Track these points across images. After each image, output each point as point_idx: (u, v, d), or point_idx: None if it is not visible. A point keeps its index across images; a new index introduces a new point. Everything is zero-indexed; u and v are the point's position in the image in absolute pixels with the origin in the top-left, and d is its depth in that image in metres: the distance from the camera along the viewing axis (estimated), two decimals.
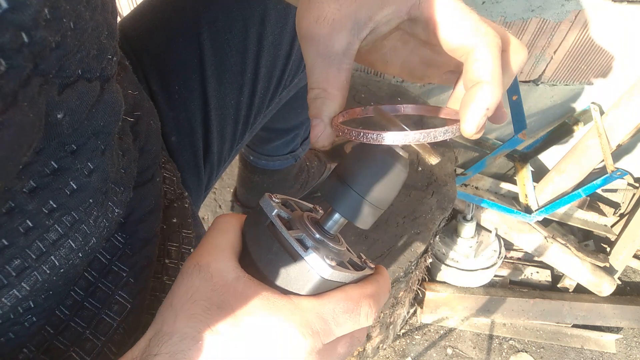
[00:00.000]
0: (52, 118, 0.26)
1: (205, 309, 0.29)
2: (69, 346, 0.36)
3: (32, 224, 0.29)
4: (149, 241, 0.42)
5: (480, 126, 0.29)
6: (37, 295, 0.32)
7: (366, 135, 0.30)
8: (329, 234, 0.34)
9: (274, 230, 0.32)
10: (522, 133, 1.23)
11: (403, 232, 1.15)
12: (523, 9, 1.25)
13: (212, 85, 0.56)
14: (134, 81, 0.47)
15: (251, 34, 0.55)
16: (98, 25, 0.29)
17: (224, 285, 0.30)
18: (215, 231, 0.33)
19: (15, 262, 0.29)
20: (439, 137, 0.29)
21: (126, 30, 0.56)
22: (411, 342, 1.58)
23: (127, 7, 1.23)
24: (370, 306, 0.32)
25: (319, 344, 0.30)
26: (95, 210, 0.33)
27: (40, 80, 0.24)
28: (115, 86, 0.33)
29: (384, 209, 0.33)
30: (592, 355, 1.62)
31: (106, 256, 0.38)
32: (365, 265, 0.36)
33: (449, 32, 0.30)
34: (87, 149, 0.30)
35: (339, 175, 0.32)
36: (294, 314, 0.29)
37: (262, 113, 0.64)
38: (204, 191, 0.64)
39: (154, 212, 0.43)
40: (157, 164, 0.46)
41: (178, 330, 0.28)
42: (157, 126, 0.48)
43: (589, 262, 1.61)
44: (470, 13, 0.30)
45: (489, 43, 0.29)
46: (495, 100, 0.28)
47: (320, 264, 0.30)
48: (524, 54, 0.32)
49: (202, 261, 0.31)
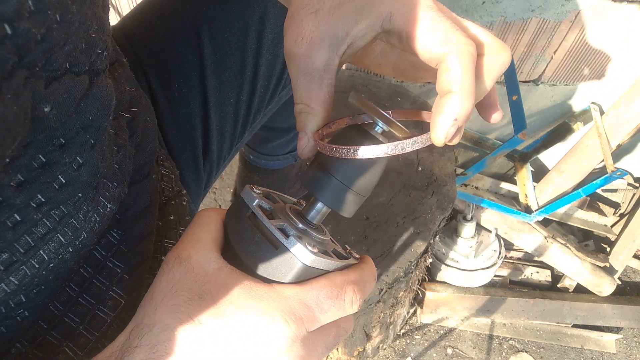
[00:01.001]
0: (38, 111, 0.26)
1: (186, 299, 0.29)
2: (63, 341, 0.36)
3: (20, 218, 0.28)
4: (144, 238, 0.42)
5: (449, 136, 0.29)
6: (28, 289, 0.32)
7: (339, 150, 0.30)
8: (312, 224, 0.34)
9: (256, 220, 0.32)
10: (522, 133, 1.23)
11: (403, 232, 1.15)
12: (523, 9, 1.25)
13: (212, 84, 0.56)
14: (132, 78, 0.47)
15: (251, 33, 0.55)
16: (86, 19, 0.29)
17: (205, 276, 0.30)
18: (197, 225, 0.33)
19: (3, 256, 0.29)
20: (407, 148, 0.29)
21: (127, 28, 0.56)
22: (411, 342, 1.58)
23: (127, 6, 1.23)
24: (355, 292, 0.32)
25: (302, 330, 0.29)
26: (85, 204, 0.32)
27: (26, 73, 0.24)
28: (106, 81, 0.33)
29: (367, 196, 0.34)
30: (592, 355, 1.62)
31: (101, 252, 0.39)
32: (350, 255, 0.36)
33: (420, 43, 0.30)
34: (76, 142, 0.30)
35: (320, 164, 0.33)
36: (276, 301, 0.29)
37: (262, 112, 0.64)
38: (203, 189, 0.64)
39: (149, 208, 0.43)
40: (154, 161, 0.46)
41: (159, 321, 0.28)
42: (154, 123, 0.48)
43: (589, 262, 1.60)
44: (442, 22, 0.29)
45: (458, 52, 0.29)
46: (465, 110, 0.28)
47: (302, 250, 0.30)
48: (504, 56, 0.31)
49: (183, 254, 0.31)
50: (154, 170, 0.45)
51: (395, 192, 1.23)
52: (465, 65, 0.29)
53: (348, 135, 0.32)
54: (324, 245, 0.34)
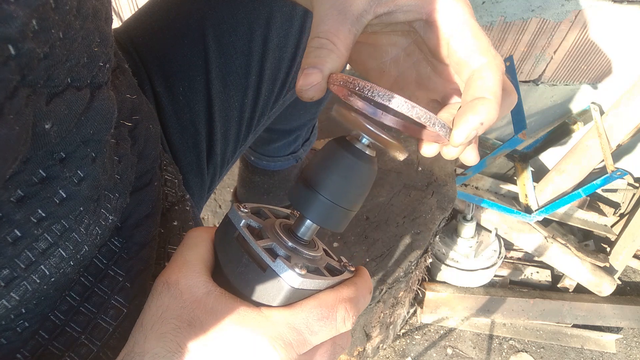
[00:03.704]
0: (39, 128, 0.26)
1: (175, 327, 0.29)
2: (64, 351, 0.36)
3: (21, 234, 0.28)
4: (146, 245, 0.41)
5: (468, 138, 0.28)
6: (28, 302, 0.32)
7: (372, 90, 0.27)
8: (303, 240, 0.33)
9: (243, 241, 0.31)
10: (522, 133, 1.23)
11: (403, 232, 1.15)
12: (523, 9, 1.25)
13: (217, 87, 0.55)
14: (133, 84, 0.46)
15: (256, 37, 0.55)
16: (89, 34, 0.28)
17: (194, 301, 0.30)
18: (185, 247, 0.33)
19: (3, 272, 0.28)
20: (437, 127, 0.28)
21: (131, 31, 0.56)
22: (411, 342, 1.58)
23: (127, 9, 1.23)
24: (347, 310, 0.31)
25: (292, 355, 0.29)
26: (86, 218, 0.32)
27: (28, 91, 0.24)
28: (108, 93, 0.32)
29: (356, 210, 0.32)
30: (592, 355, 1.62)
31: (102, 261, 0.38)
32: (345, 269, 0.35)
33: (462, 43, 0.30)
34: (77, 157, 0.30)
35: (306, 181, 0.31)
36: (264, 327, 0.29)
37: (266, 115, 0.64)
38: (206, 193, 0.64)
39: (151, 216, 0.42)
40: (156, 168, 0.45)
41: (148, 350, 0.28)
42: (157, 130, 0.48)
43: (589, 262, 1.60)
44: (484, 34, 0.30)
45: (497, 65, 0.29)
46: (492, 118, 0.28)
47: (289, 273, 0.29)
48: (515, 97, 0.32)
49: (172, 279, 0.30)
50: (157, 177, 0.45)
51: (395, 192, 1.23)
52: (499, 78, 0.29)
53: (332, 148, 0.31)
54: (315, 262, 0.33)
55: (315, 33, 0.31)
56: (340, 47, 0.30)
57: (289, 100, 0.67)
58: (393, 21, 0.31)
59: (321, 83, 0.30)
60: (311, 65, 0.30)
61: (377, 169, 0.32)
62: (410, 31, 0.34)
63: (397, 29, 0.34)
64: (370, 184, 0.32)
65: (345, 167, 0.30)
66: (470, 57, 0.29)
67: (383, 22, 0.32)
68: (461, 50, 0.30)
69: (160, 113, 0.54)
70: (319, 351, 0.32)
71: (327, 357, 0.32)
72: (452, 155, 0.31)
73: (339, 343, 0.33)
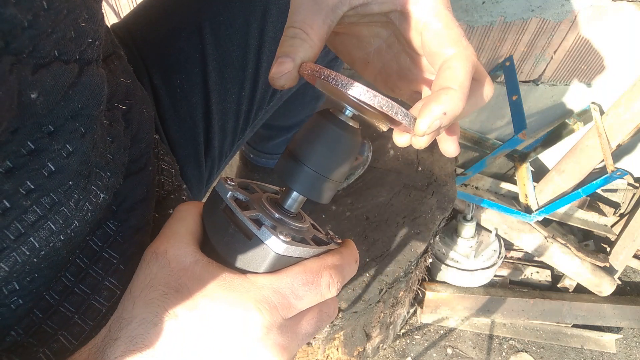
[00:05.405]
0: (25, 97, 0.26)
1: (162, 293, 0.29)
2: (58, 330, 0.37)
3: (9, 205, 0.29)
4: (141, 229, 0.42)
5: (432, 128, 0.28)
6: (20, 277, 0.32)
7: (336, 78, 0.28)
8: (290, 212, 0.34)
9: (230, 212, 0.32)
10: (522, 133, 1.23)
11: (403, 232, 1.15)
12: (523, 9, 1.25)
13: (214, 80, 0.56)
14: (128, 70, 0.47)
15: (253, 29, 0.55)
16: (75, 8, 0.29)
17: (181, 269, 0.30)
18: (174, 219, 0.34)
19: None
20: (399, 116, 0.28)
21: (129, 25, 0.57)
22: (411, 342, 1.58)
23: (127, 8, 1.23)
24: (332, 276, 0.32)
25: (278, 318, 0.30)
26: (76, 193, 0.32)
27: (12, 59, 0.24)
28: (98, 70, 0.33)
29: (341, 181, 0.33)
30: (592, 355, 1.62)
31: (97, 243, 0.39)
32: (332, 241, 0.36)
33: (435, 35, 0.30)
34: (65, 130, 0.30)
35: (291, 153, 0.32)
36: (249, 291, 0.30)
37: (264, 108, 0.64)
38: (205, 185, 0.64)
39: (145, 200, 0.43)
40: (150, 153, 0.46)
41: (136, 315, 0.29)
42: (151, 115, 0.48)
43: (589, 262, 1.60)
44: (457, 25, 0.30)
45: (466, 56, 0.29)
46: (456, 108, 0.28)
47: (273, 240, 0.30)
48: (491, 88, 0.33)
49: (160, 249, 0.31)
50: (151, 162, 0.46)
51: (395, 192, 1.23)
52: (468, 69, 0.29)
53: (317, 121, 0.32)
54: (301, 232, 0.34)
55: (290, 22, 0.32)
56: (314, 37, 0.31)
57: (287, 95, 0.67)
58: (369, 12, 0.32)
59: (292, 72, 0.31)
60: (284, 54, 0.31)
61: (360, 140, 0.32)
62: (388, 22, 0.34)
63: (375, 20, 0.34)
64: (355, 155, 0.33)
65: (329, 138, 0.31)
66: (441, 48, 0.30)
67: (359, 13, 0.32)
68: (433, 41, 0.30)
69: (158, 105, 0.55)
70: (305, 317, 0.32)
71: (313, 323, 0.33)
72: (420, 145, 0.31)
73: (325, 311, 0.33)
